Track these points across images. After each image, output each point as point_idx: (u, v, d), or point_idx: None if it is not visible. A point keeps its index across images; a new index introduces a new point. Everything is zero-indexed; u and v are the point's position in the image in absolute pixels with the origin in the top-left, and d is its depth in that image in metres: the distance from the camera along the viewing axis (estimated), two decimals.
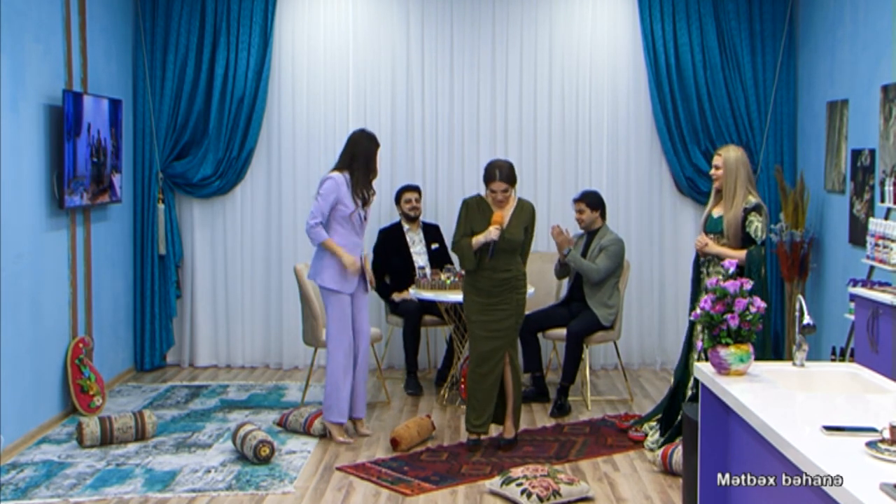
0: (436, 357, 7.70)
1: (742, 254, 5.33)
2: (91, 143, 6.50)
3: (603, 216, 6.80)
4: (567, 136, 7.81)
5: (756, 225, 5.33)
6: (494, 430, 5.86)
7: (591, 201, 6.77)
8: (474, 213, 5.67)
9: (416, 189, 7.37)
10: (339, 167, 5.91)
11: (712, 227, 5.51)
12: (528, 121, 7.81)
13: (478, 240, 5.59)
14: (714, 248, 5.44)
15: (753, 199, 5.39)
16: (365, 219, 5.97)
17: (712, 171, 5.55)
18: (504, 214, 5.63)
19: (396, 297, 7.10)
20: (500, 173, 5.58)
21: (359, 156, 5.90)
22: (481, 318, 5.66)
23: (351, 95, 7.81)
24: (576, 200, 6.84)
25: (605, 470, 5.39)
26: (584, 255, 6.75)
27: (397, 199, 7.39)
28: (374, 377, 7.42)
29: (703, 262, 5.57)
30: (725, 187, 5.44)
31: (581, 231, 6.89)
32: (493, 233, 5.54)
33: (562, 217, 7.50)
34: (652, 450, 5.56)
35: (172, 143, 7.67)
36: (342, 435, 5.90)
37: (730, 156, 5.44)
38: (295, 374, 7.71)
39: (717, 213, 5.51)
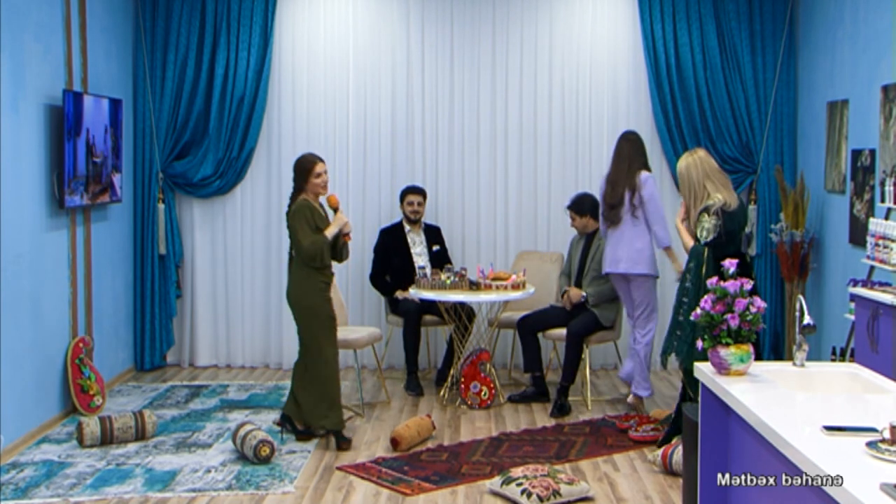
0: (436, 357, 7.70)
1: (689, 242, 5.38)
2: (91, 142, 6.50)
3: (595, 218, 6.77)
4: (567, 135, 7.81)
5: (704, 225, 5.26)
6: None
7: (579, 209, 6.78)
8: (311, 213, 5.65)
9: (420, 192, 7.35)
10: (646, 167, 6.44)
11: None
12: (528, 121, 7.81)
13: (332, 230, 5.67)
14: (679, 224, 5.51)
15: (709, 201, 5.32)
16: None
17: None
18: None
19: (400, 294, 7.10)
20: (318, 157, 5.77)
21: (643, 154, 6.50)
22: (332, 314, 5.73)
23: (351, 95, 7.81)
24: (567, 207, 6.88)
25: (605, 470, 5.39)
26: (583, 256, 6.75)
27: (401, 199, 7.38)
28: (375, 377, 7.43)
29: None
30: (683, 196, 5.51)
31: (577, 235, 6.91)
32: (342, 218, 5.69)
33: (561, 217, 7.49)
34: (652, 450, 5.56)
35: (172, 143, 7.67)
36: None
37: (680, 166, 5.49)
38: None
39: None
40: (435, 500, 4.94)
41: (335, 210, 5.74)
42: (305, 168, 5.69)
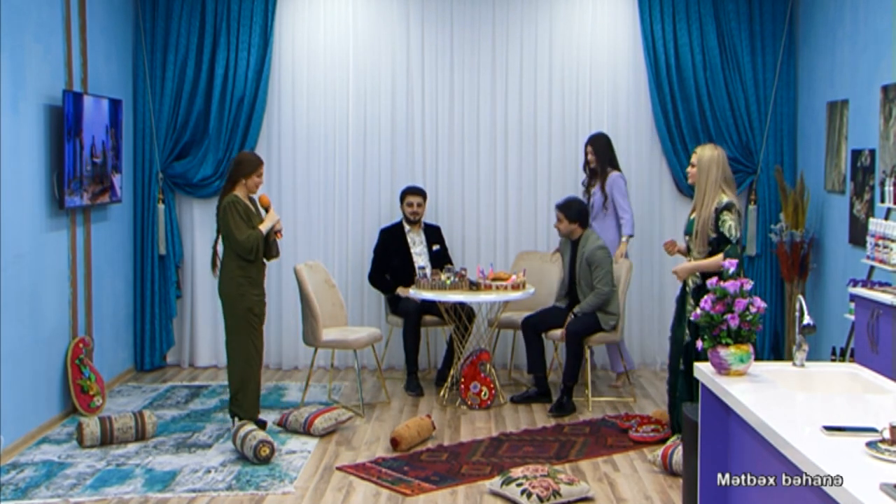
0: (436, 357, 7.70)
1: (718, 259, 5.18)
2: (91, 143, 6.50)
3: (583, 226, 6.74)
4: (567, 136, 7.81)
5: (729, 223, 5.24)
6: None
7: (570, 214, 6.68)
8: (242, 208, 5.79)
9: (419, 193, 7.34)
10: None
11: (690, 230, 5.49)
12: (528, 121, 7.81)
13: (266, 225, 5.83)
14: (685, 268, 5.39)
15: (726, 198, 5.29)
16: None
17: (688, 169, 5.52)
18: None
19: (402, 291, 7.07)
20: (258, 158, 5.95)
21: None
22: (260, 310, 5.87)
23: (351, 95, 7.81)
24: (557, 207, 6.80)
25: (605, 470, 5.39)
26: (572, 262, 6.73)
27: (401, 200, 7.38)
28: (375, 377, 7.42)
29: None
30: (697, 186, 5.39)
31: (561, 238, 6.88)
32: (274, 216, 5.87)
33: None
34: (652, 450, 5.55)
35: (172, 143, 7.67)
36: None
37: (704, 154, 5.37)
38: (295, 374, 7.71)
39: (694, 215, 5.47)
40: (435, 501, 4.94)
41: (266, 209, 5.91)
42: (251, 167, 5.84)
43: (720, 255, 5.23)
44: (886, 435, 2.54)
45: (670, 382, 5.66)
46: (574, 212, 6.70)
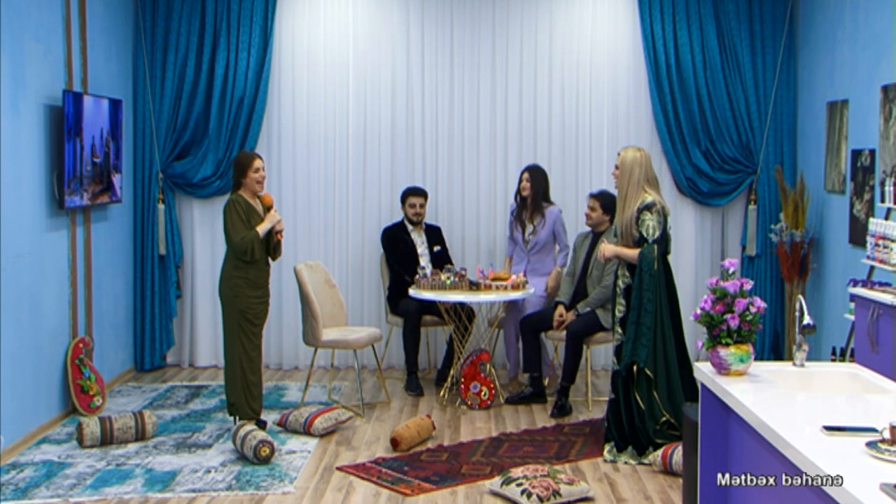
0: (436, 357, 7.70)
1: (636, 253, 5.41)
2: (91, 143, 6.50)
3: (611, 221, 6.75)
4: (567, 136, 7.81)
5: (648, 223, 5.39)
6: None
7: (606, 203, 6.67)
8: (243, 209, 5.82)
9: (421, 194, 7.34)
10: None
11: (617, 230, 5.65)
12: (528, 121, 7.81)
13: (264, 227, 5.83)
14: (611, 248, 5.53)
15: (649, 198, 5.43)
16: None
17: (613, 172, 5.67)
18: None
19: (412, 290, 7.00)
20: (257, 154, 6.01)
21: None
22: (257, 312, 5.89)
23: (351, 95, 7.81)
24: (592, 196, 6.80)
25: (605, 470, 5.39)
26: (588, 254, 6.73)
27: (402, 201, 7.37)
28: (374, 377, 7.42)
29: (614, 269, 5.69)
30: (619, 187, 5.53)
31: (587, 228, 6.87)
32: (275, 216, 5.87)
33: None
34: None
35: (172, 143, 7.67)
36: None
37: (626, 156, 5.52)
38: (295, 374, 7.71)
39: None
40: (435, 501, 4.94)
41: (268, 209, 5.92)
42: (244, 164, 5.87)
43: (638, 250, 5.42)
44: (886, 435, 2.54)
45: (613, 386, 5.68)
46: (609, 203, 6.70)
